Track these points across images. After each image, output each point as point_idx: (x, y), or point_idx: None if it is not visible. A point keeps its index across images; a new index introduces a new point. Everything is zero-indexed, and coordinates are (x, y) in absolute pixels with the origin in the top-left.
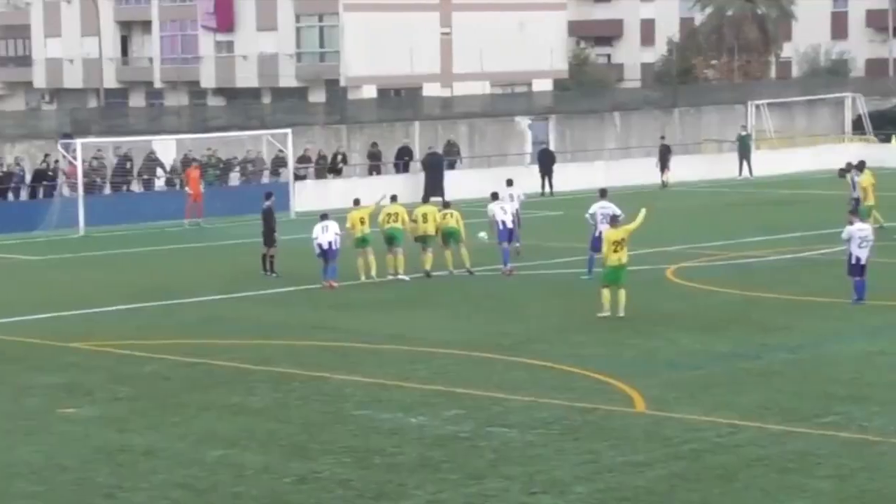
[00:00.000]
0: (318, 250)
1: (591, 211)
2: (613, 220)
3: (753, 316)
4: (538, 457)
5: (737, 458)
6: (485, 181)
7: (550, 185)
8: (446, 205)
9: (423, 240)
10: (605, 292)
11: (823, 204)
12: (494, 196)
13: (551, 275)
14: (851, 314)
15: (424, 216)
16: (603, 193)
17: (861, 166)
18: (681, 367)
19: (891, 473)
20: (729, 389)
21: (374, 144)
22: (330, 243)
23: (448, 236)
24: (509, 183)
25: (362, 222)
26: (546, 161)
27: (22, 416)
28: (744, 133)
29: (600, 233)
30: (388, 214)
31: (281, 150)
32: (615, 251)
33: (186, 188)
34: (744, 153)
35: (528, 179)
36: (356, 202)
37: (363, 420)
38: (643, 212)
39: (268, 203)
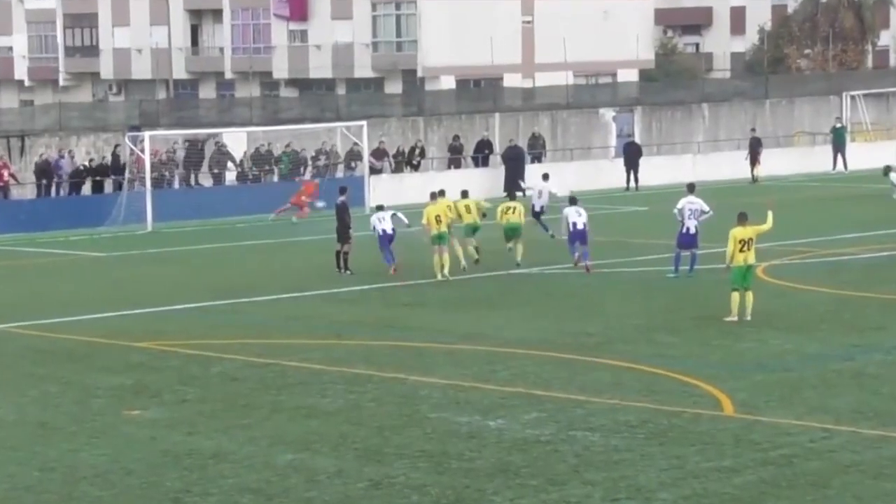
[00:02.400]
0: (380, 233)
1: (678, 206)
2: (699, 216)
3: (846, 316)
4: (622, 462)
5: (830, 464)
6: (568, 175)
7: (636, 180)
8: (511, 196)
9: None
10: (735, 296)
11: None
12: (573, 201)
13: (635, 273)
14: None
15: (438, 217)
16: (691, 188)
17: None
18: (771, 368)
19: None
20: (821, 392)
21: (456, 137)
22: (386, 230)
23: (511, 231)
24: (545, 177)
25: (438, 221)
26: (632, 155)
27: (87, 418)
28: (839, 125)
29: (687, 229)
30: (508, 208)
31: (356, 144)
32: (741, 251)
33: (303, 197)
34: (838, 146)
35: (613, 174)
36: (433, 196)
37: (439, 423)
38: (771, 214)
39: (342, 198)
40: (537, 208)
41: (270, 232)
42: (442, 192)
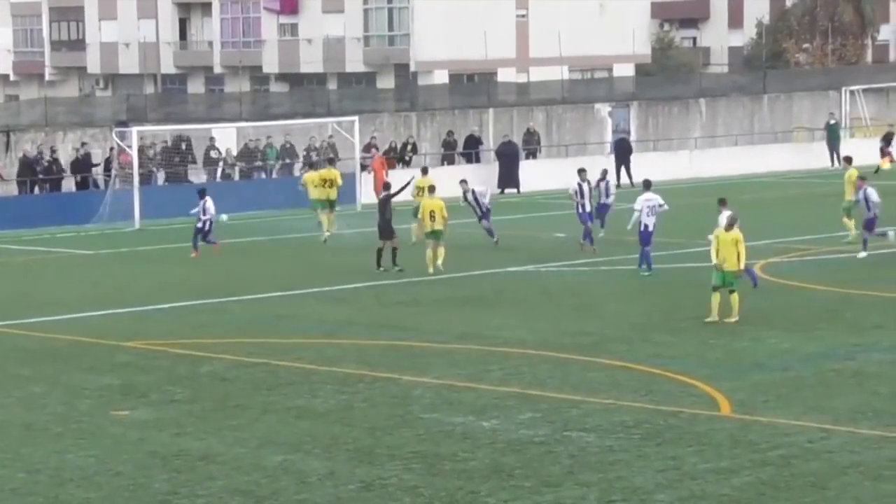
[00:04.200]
0: None
1: (637, 206)
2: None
3: (846, 314)
4: (617, 463)
5: (828, 465)
6: (562, 171)
7: (629, 177)
8: (502, 191)
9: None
10: (717, 296)
11: None
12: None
13: (631, 271)
14: None
15: (431, 213)
16: (647, 185)
17: (849, 160)
18: (769, 368)
19: None
20: (820, 392)
21: (450, 133)
22: None
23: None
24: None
25: (432, 218)
26: (623, 151)
27: (74, 418)
28: (832, 122)
29: (645, 226)
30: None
31: (331, 136)
32: (730, 254)
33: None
34: (833, 142)
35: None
36: (431, 189)
37: (432, 424)
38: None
39: (385, 193)
40: (484, 209)
41: (259, 229)
42: (425, 170)
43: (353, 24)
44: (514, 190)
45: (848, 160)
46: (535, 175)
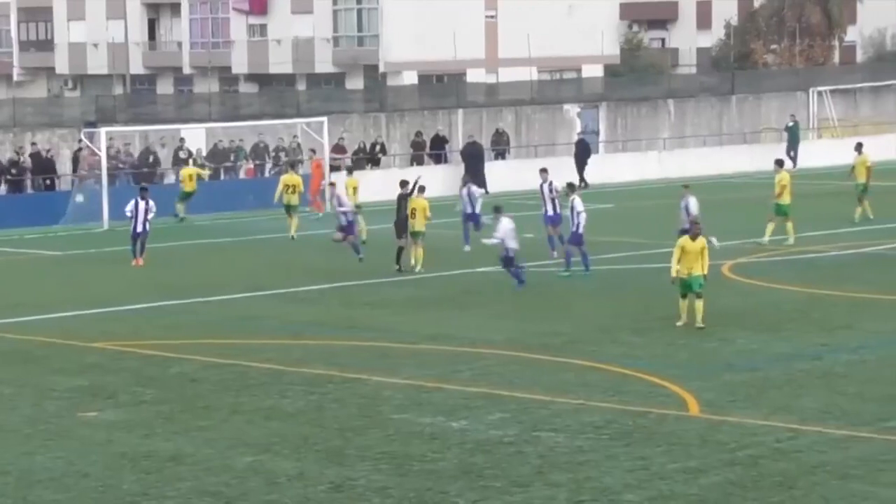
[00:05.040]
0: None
1: (579, 208)
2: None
3: (814, 314)
4: (587, 463)
5: (796, 465)
6: (531, 172)
7: (584, 178)
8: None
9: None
10: (685, 301)
11: (890, 196)
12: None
13: (601, 271)
14: None
15: (413, 211)
16: (571, 188)
17: (780, 163)
18: (737, 368)
19: None
20: (788, 392)
21: (419, 133)
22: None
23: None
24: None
25: (413, 216)
26: (582, 152)
27: (42, 420)
28: (791, 123)
29: (577, 226)
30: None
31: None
32: (696, 262)
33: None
34: (793, 144)
35: (575, 170)
36: (422, 189)
37: (402, 424)
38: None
39: (403, 191)
40: (468, 210)
41: (228, 230)
42: (417, 186)
43: (322, 25)
44: (482, 190)
45: (779, 163)
46: (504, 176)
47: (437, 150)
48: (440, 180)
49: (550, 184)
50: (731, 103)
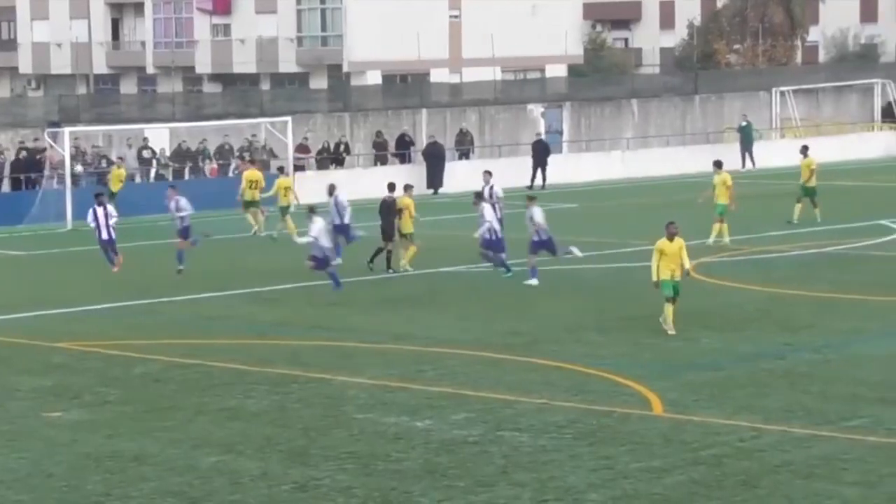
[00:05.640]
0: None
1: (488, 217)
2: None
3: (777, 314)
4: (550, 463)
5: (759, 464)
6: (495, 172)
7: (543, 178)
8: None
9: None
10: (671, 307)
11: (851, 196)
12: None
13: (565, 270)
14: (879, 312)
15: (400, 211)
16: (480, 196)
17: (719, 164)
18: (701, 368)
19: None
20: (751, 391)
21: (379, 133)
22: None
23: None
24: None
25: (400, 216)
26: (540, 152)
27: (6, 420)
28: (744, 123)
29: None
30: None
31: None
32: (676, 263)
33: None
34: (746, 144)
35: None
36: (406, 188)
37: (366, 424)
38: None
39: (391, 195)
40: (337, 221)
41: (192, 230)
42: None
43: (285, 25)
44: (438, 190)
45: (718, 164)
46: (468, 176)
47: (402, 150)
48: (404, 180)
49: (492, 188)
50: (695, 103)
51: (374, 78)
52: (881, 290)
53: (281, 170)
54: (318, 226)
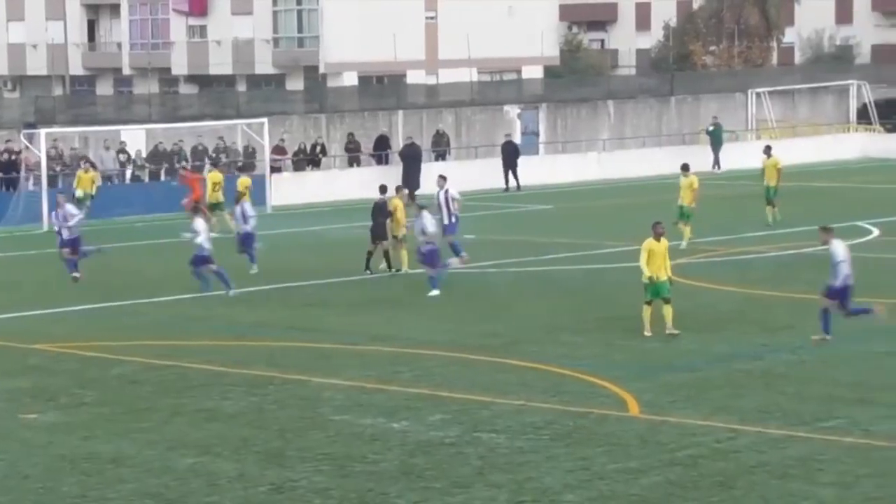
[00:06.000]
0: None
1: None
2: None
3: (753, 315)
4: (527, 464)
5: (736, 465)
6: (472, 173)
7: (516, 179)
8: (412, 195)
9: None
10: (649, 309)
11: (827, 197)
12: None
13: (541, 272)
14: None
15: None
16: (413, 198)
17: (686, 167)
18: (677, 369)
19: None
20: (728, 392)
21: (351, 136)
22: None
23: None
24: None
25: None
26: (510, 154)
27: None
28: (712, 126)
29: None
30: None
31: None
32: (662, 265)
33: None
34: (715, 146)
35: (518, 171)
36: (398, 190)
37: (343, 425)
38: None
39: (382, 197)
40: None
41: (169, 231)
42: (241, 168)
43: (262, 26)
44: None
45: (685, 168)
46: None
47: (381, 150)
48: (380, 181)
49: (447, 192)
50: (671, 104)
51: (350, 79)
52: (858, 292)
53: (241, 169)
54: (204, 226)
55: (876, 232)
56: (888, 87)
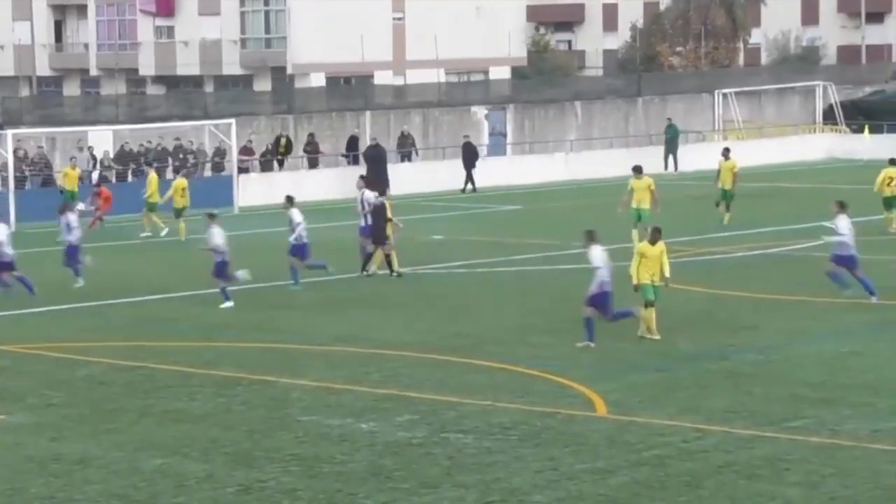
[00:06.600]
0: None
1: (297, 219)
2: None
3: (720, 315)
4: (495, 464)
5: (703, 465)
6: (439, 174)
7: (472, 181)
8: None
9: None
10: (652, 311)
11: (793, 198)
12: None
13: (510, 272)
14: (822, 313)
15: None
16: (290, 201)
17: (639, 169)
18: (644, 369)
19: (863, 479)
20: (694, 392)
21: (311, 136)
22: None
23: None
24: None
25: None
26: (469, 155)
27: None
28: (668, 128)
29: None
30: None
31: (224, 141)
32: (657, 268)
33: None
34: (671, 147)
35: (484, 172)
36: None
37: (311, 426)
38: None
39: (381, 199)
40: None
41: (135, 232)
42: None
43: (229, 27)
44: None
45: (638, 169)
46: (411, 178)
47: (352, 151)
48: (348, 182)
49: (363, 194)
50: (638, 105)
51: (317, 80)
52: (824, 292)
53: (177, 171)
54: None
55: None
56: (853, 87)
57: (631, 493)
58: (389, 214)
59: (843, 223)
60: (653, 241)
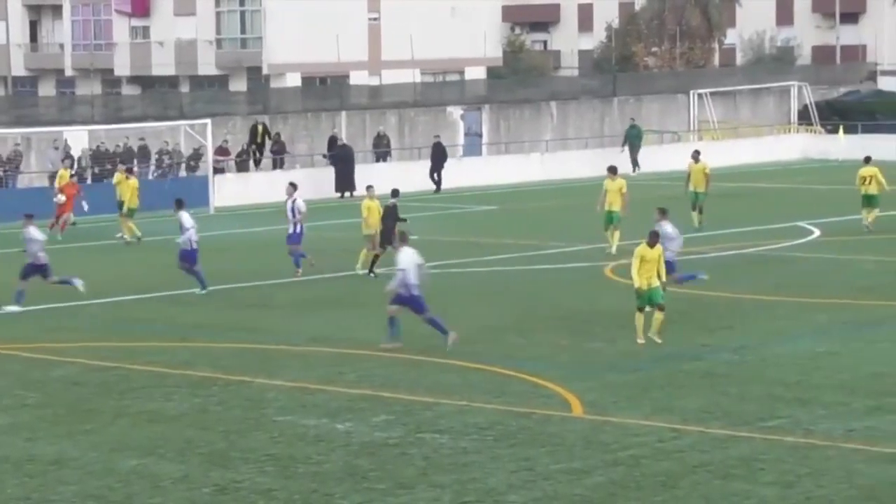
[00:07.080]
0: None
1: (188, 224)
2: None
3: (695, 315)
4: (471, 464)
5: (678, 465)
6: (414, 174)
7: (439, 181)
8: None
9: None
10: (641, 316)
11: (768, 198)
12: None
13: (485, 273)
14: (798, 313)
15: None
16: (180, 205)
17: (614, 170)
18: (619, 369)
19: (837, 479)
20: (670, 392)
21: (277, 135)
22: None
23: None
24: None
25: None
26: (438, 155)
27: None
28: (631, 128)
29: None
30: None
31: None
32: (654, 271)
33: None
34: (633, 148)
35: (460, 172)
36: (369, 188)
37: (286, 426)
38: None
39: (393, 200)
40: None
41: (112, 232)
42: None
43: (205, 27)
44: (349, 194)
45: (613, 170)
46: (387, 178)
47: (332, 151)
48: (322, 182)
49: (294, 201)
50: (613, 105)
51: (293, 80)
52: (799, 292)
53: (130, 171)
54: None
55: (817, 232)
56: (828, 88)
57: (606, 493)
58: (367, 214)
59: (669, 228)
60: (651, 244)
